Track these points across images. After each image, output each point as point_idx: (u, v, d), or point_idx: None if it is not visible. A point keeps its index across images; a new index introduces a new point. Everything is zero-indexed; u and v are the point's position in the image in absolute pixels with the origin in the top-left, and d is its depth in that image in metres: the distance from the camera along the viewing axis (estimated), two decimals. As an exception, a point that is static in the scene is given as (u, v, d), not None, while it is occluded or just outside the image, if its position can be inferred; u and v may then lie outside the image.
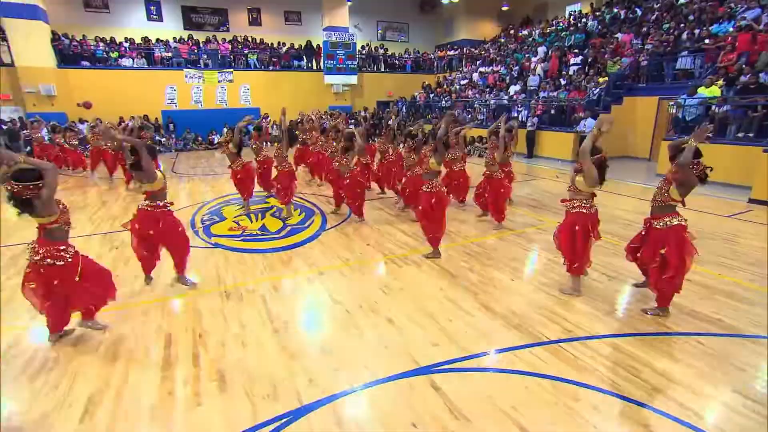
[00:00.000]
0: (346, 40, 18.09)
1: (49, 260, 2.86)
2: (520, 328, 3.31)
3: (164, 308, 3.63)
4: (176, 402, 2.48)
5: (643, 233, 3.53)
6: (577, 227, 3.64)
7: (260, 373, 2.74)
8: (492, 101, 14.49)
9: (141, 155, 3.55)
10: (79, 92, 14.58)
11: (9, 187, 2.76)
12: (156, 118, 15.99)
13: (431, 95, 18.19)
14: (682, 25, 11.11)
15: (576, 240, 3.64)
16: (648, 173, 10.04)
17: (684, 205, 3.32)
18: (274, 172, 6.85)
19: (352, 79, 18.66)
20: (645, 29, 12.42)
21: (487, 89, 16.10)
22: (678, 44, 10.61)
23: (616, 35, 13.24)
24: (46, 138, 11.79)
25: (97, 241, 5.40)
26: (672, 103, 10.27)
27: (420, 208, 4.69)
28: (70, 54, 15.02)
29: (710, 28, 10.04)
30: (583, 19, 16.05)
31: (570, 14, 17.68)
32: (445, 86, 18.32)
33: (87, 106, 13.81)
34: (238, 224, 5.97)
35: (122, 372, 2.76)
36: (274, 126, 17.35)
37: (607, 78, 11.58)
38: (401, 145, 7.11)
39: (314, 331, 3.26)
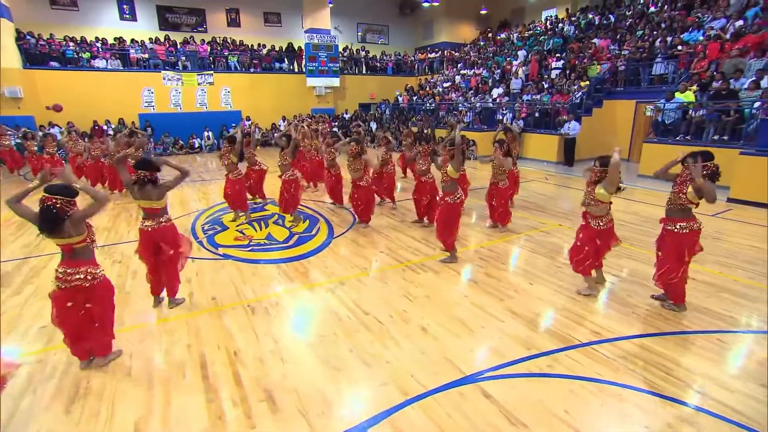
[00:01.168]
0: (328, 42, 17.96)
1: (78, 283, 2.69)
2: (550, 331, 3.41)
3: (189, 325, 3.51)
4: (228, 426, 2.41)
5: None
6: (598, 241, 3.82)
7: (308, 390, 2.70)
8: (478, 104, 14.74)
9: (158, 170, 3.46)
10: (48, 95, 13.82)
11: (44, 200, 2.60)
12: (133, 122, 15.32)
13: (414, 98, 18.32)
14: (654, 32, 11.70)
15: (596, 248, 3.82)
16: (627, 173, 10.52)
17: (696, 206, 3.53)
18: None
19: (335, 82, 18.54)
20: (620, 35, 13.01)
21: (470, 92, 16.39)
22: (653, 51, 11.17)
23: (593, 40, 13.80)
24: (14, 144, 11.14)
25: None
26: (651, 107, 10.81)
27: (438, 215, 4.78)
28: (37, 54, 14.18)
29: (682, 36, 10.63)
30: (560, 24, 16.62)
31: (546, 19, 18.26)
32: (427, 89, 18.49)
33: (57, 109, 13.13)
34: (243, 234, 5.83)
35: (163, 395, 2.65)
36: (257, 129, 17.04)
37: (588, 82, 12.04)
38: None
39: (351, 343, 3.24)
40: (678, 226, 3.49)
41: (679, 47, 10.34)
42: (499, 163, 5.63)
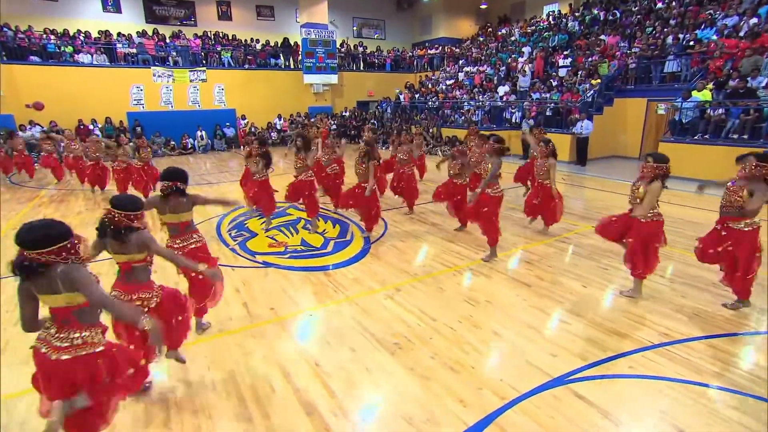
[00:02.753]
0: (325, 37, 18.02)
1: (139, 303, 2.64)
2: (620, 333, 3.60)
3: (255, 337, 3.57)
4: (338, 436, 2.50)
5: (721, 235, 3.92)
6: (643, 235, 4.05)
7: (405, 398, 2.81)
8: (487, 103, 15.02)
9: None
10: (28, 92, 13.48)
11: (108, 215, 2.60)
12: (121, 121, 15.08)
13: (416, 95, 18.52)
14: (665, 29, 12.18)
15: (648, 249, 4.04)
16: (636, 172, 10.92)
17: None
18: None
19: (333, 79, 18.62)
20: (629, 32, 13.49)
21: (475, 89, 16.69)
22: (665, 48, 11.62)
23: (601, 37, 14.25)
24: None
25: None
26: (663, 105, 11.26)
27: (483, 212, 5.00)
28: (15, 47, 13.84)
29: (695, 33, 11.11)
30: (563, 20, 17.08)
31: (548, 14, 18.72)
32: (429, 86, 18.73)
33: (38, 107, 12.79)
34: (276, 240, 5.88)
35: (258, 408, 2.72)
36: (252, 128, 16.97)
37: (600, 80, 12.45)
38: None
39: (429, 350, 3.36)
40: (743, 224, 3.71)
41: (692, 42, 10.79)
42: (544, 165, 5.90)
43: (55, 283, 1.95)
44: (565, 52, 15.06)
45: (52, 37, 14.63)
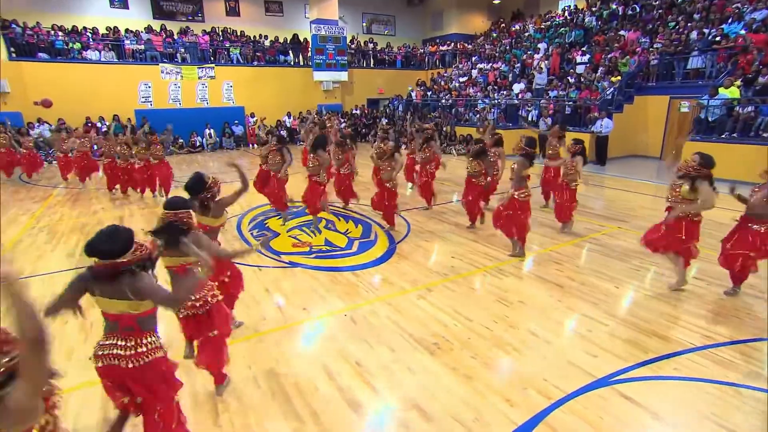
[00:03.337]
0: (335, 33, 18.11)
1: (199, 307, 2.75)
2: (659, 335, 3.65)
3: (291, 336, 3.66)
4: (388, 433, 2.58)
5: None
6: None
7: (450, 397, 2.88)
8: (503, 101, 15.05)
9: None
10: (36, 89, 13.64)
11: (164, 217, 2.66)
12: (129, 119, 15.25)
13: (429, 93, 18.58)
14: (689, 24, 12.15)
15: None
16: (660, 172, 10.98)
17: None
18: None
19: (343, 76, 18.72)
20: (650, 27, 13.46)
21: (489, 87, 16.72)
22: (689, 43, 11.60)
23: (621, 32, 14.24)
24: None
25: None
26: (686, 102, 11.26)
27: (508, 213, 5.08)
28: (23, 44, 14.04)
29: (722, 28, 11.08)
30: (580, 15, 17.07)
31: (564, 9, 18.71)
32: (442, 83, 18.78)
33: (46, 104, 12.94)
34: (299, 239, 5.97)
35: (305, 407, 2.81)
36: (261, 126, 17.08)
37: (620, 77, 12.45)
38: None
39: (469, 350, 3.43)
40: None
41: (718, 38, 10.77)
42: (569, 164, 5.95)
43: (123, 291, 1.99)
44: (582, 49, 15.06)
45: (60, 33, 14.83)
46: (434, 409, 2.78)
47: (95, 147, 10.58)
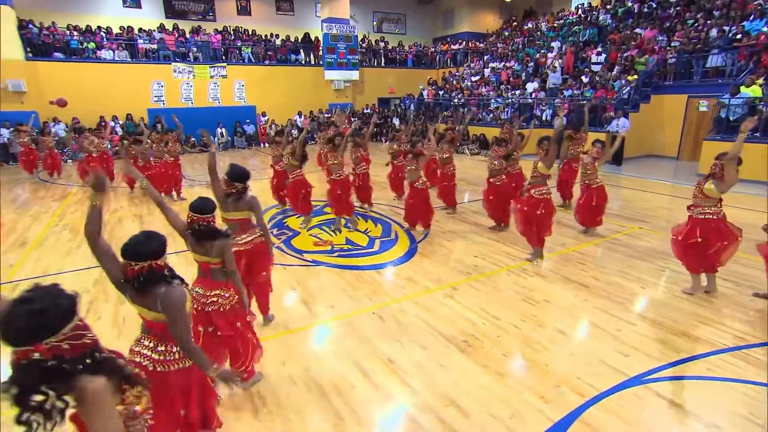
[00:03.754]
0: (347, 32, 18.23)
1: (216, 306, 2.77)
2: (689, 335, 3.67)
3: (321, 334, 3.73)
4: (431, 430, 2.64)
5: None
6: (698, 233, 4.14)
7: (485, 394, 2.94)
8: (517, 100, 15.05)
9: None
10: (52, 88, 13.90)
11: (189, 219, 2.70)
12: (141, 118, 15.47)
13: (441, 92, 18.61)
14: (709, 21, 12.06)
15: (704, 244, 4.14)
16: (685, 173, 10.91)
17: None
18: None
19: (354, 75, 18.82)
20: (668, 25, 13.39)
21: (502, 86, 16.72)
22: (708, 41, 11.52)
23: (637, 30, 14.17)
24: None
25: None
26: (704, 101, 11.20)
27: (524, 212, 5.12)
28: (40, 44, 14.30)
29: (743, 25, 10.99)
30: (594, 13, 17.00)
31: (577, 7, 18.64)
32: (453, 82, 18.80)
33: (61, 104, 13.21)
34: (320, 238, 6.05)
35: (343, 403, 2.87)
36: (272, 125, 17.24)
37: (636, 76, 12.40)
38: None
39: (500, 347, 3.48)
40: None
41: (739, 36, 10.69)
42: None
43: (154, 301, 1.96)
44: (597, 47, 15.00)
45: (75, 33, 15.07)
46: (470, 405, 2.83)
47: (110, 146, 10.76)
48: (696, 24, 12.41)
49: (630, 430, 2.63)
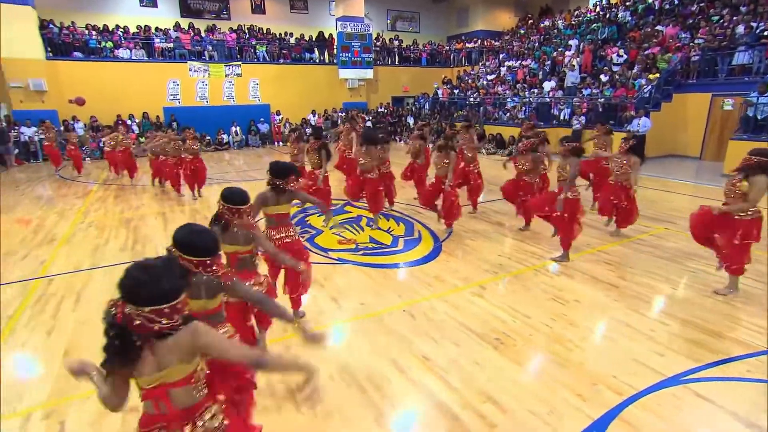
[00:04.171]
0: (361, 31, 18.32)
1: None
2: (725, 336, 3.67)
3: (354, 331, 3.81)
4: (470, 425, 2.69)
5: None
6: (740, 232, 4.13)
7: (522, 391, 2.98)
8: (534, 99, 15.01)
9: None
10: (71, 87, 14.22)
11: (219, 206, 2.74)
12: (157, 116, 15.74)
13: (456, 91, 18.62)
14: (735, 17, 11.91)
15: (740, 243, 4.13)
16: (709, 173, 10.81)
17: None
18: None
19: (368, 74, 18.91)
20: (691, 21, 13.24)
21: (518, 85, 16.68)
22: (734, 38, 11.37)
23: (658, 27, 14.04)
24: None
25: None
26: (730, 100, 11.06)
27: (557, 214, 5.14)
28: (60, 44, 14.62)
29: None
30: (613, 10, 16.87)
31: (595, 4, 18.52)
32: (469, 81, 18.79)
33: (80, 102, 13.53)
34: (344, 237, 6.13)
35: (383, 399, 2.94)
36: (287, 124, 17.41)
37: (658, 74, 12.30)
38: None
39: (533, 346, 3.52)
40: None
41: (767, 33, 10.56)
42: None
43: (197, 289, 2.06)
44: (616, 45, 14.89)
45: (94, 32, 15.38)
46: (508, 402, 2.88)
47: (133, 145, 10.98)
48: (721, 20, 12.26)
49: (671, 429, 2.65)
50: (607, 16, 16.77)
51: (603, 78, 13.97)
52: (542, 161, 6.48)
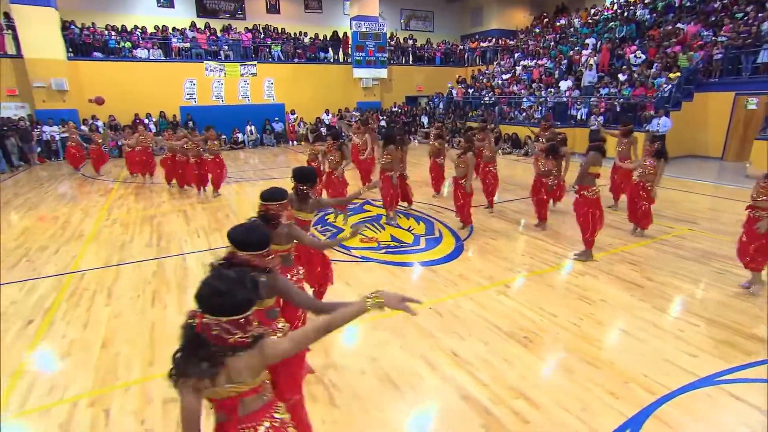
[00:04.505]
0: (376, 30, 18.39)
1: None
2: (758, 338, 3.65)
3: (384, 328, 3.86)
4: (503, 420, 2.73)
5: None
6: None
7: (553, 389, 3.02)
8: (551, 99, 14.93)
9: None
10: (92, 87, 14.50)
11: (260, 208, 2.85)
12: (174, 115, 15.98)
13: (470, 90, 18.59)
14: (760, 14, 11.71)
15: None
16: (721, 172, 10.71)
17: None
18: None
19: (382, 73, 18.97)
20: (714, 19, 13.05)
21: (533, 84, 16.60)
22: (759, 35, 11.18)
23: (679, 25, 13.86)
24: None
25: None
26: (754, 99, 10.89)
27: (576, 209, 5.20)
28: (80, 44, 14.94)
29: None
30: (631, 8, 16.70)
31: (612, 2, 18.33)
32: (483, 81, 18.75)
33: (99, 102, 13.77)
34: (365, 235, 6.19)
35: (416, 395, 3.00)
36: (301, 123, 17.56)
37: (679, 73, 12.16)
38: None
39: (562, 344, 3.55)
40: None
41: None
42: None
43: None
44: (635, 44, 14.74)
45: (113, 33, 15.67)
46: (540, 398, 2.92)
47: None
48: (746, 17, 12.07)
49: (707, 429, 2.67)
50: (625, 14, 16.61)
51: (621, 77, 13.85)
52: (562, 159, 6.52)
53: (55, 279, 4.95)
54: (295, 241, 3.01)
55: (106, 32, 15.55)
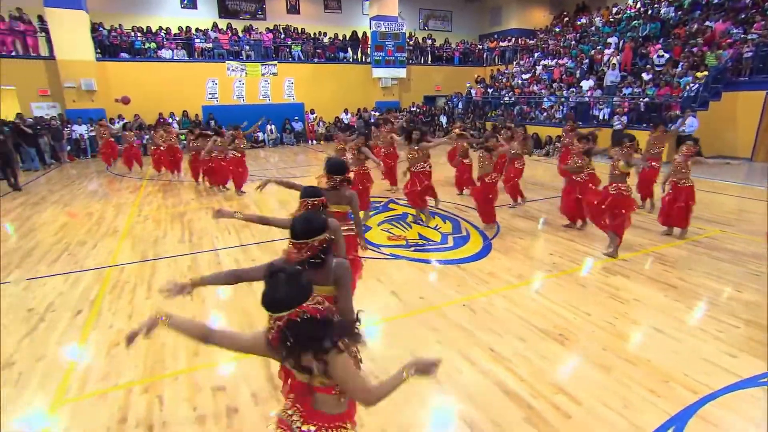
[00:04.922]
0: (395, 30, 18.46)
1: None
2: (800, 340, 3.62)
3: (418, 324, 3.93)
4: (545, 415, 2.77)
5: None
6: None
7: (593, 385, 3.04)
8: (573, 99, 14.80)
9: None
10: (117, 87, 14.88)
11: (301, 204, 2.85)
12: (196, 114, 16.30)
13: (490, 90, 18.53)
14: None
15: None
16: (751, 173, 10.49)
17: None
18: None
19: (401, 73, 19.03)
20: (744, 16, 12.78)
21: (554, 84, 16.46)
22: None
23: (706, 23, 13.60)
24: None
25: (261, 251, 5.70)
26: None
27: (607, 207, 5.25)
28: (108, 45, 15.34)
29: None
30: (655, 6, 16.43)
31: (635, 0, 18.05)
32: (503, 80, 18.67)
33: (125, 101, 14.08)
34: (392, 233, 6.26)
35: (457, 390, 3.05)
36: (320, 123, 17.73)
37: (707, 72, 11.94)
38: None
39: (598, 342, 3.56)
40: None
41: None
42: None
43: (326, 275, 2.15)
44: (659, 42, 14.51)
45: (139, 34, 16.06)
46: (580, 394, 2.95)
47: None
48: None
49: (753, 429, 2.66)
50: (649, 12, 16.35)
51: (645, 77, 13.66)
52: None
53: (96, 272, 5.14)
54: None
55: (132, 33, 15.93)
